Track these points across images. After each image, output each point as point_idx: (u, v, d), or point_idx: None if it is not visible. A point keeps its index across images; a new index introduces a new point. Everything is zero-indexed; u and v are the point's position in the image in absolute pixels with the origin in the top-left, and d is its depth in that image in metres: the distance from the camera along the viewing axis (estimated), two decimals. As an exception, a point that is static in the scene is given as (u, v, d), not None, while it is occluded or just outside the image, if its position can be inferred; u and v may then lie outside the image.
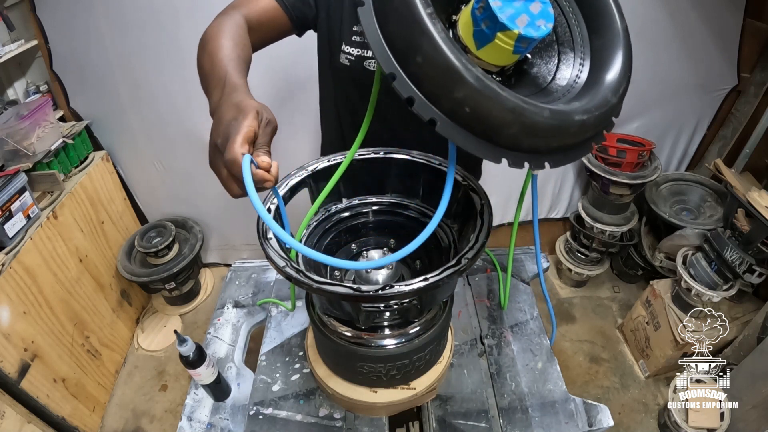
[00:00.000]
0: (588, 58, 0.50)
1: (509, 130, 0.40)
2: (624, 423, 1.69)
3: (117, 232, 1.92)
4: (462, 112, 0.39)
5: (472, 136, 0.41)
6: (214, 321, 1.03)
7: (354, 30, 0.82)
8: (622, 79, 0.46)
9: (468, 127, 0.40)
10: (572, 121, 0.42)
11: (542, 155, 0.43)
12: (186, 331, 2.04)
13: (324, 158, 0.75)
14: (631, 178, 1.74)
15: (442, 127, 0.40)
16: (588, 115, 0.42)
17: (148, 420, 1.75)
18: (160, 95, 1.72)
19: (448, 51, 0.38)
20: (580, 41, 0.50)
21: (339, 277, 0.75)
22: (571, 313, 2.13)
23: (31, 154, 1.50)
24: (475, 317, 1.00)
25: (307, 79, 1.57)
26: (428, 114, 0.40)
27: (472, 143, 0.41)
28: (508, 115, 0.39)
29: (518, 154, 0.42)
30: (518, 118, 0.39)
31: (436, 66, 0.38)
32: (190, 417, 0.85)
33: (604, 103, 0.44)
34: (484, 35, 0.42)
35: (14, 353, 1.32)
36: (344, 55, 0.84)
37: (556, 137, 0.42)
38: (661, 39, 1.69)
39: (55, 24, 1.57)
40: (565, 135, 0.43)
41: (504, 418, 0.82)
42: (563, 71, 0.50)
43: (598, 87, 0.46)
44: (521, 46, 0.41)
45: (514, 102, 0.38)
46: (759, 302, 1.68)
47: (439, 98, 0.40)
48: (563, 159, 0.44)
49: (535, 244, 0.75)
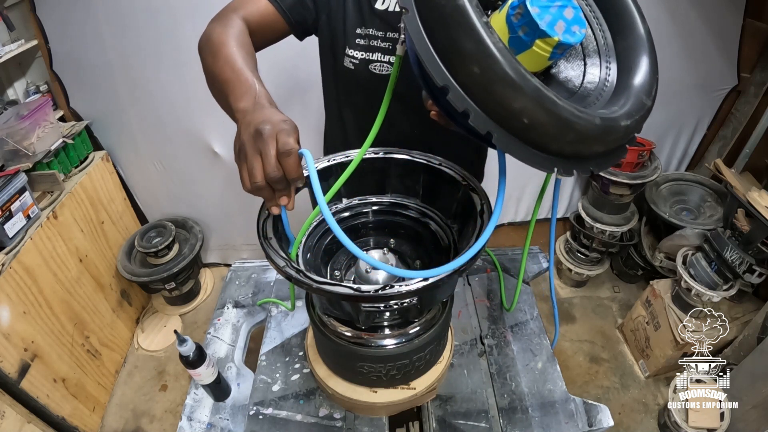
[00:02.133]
0: (614, 59, 0.50)
1: (564, 139, 0.40)
2: (624, 423, 1.69)
3: (117, 232, 1.92)
4: (518, 123, 0.39)
5: (525, 147, 0.40)
6: (214, 321, 1.03)
7: (358, 33, 0.81)
8: (652, 81, 0.47)
9: (521, 137, 0.40)
10: (619, 127, 0.42)
11: (586, 161, 0.43)
12: (186, 331, 2.04)
13: (324, 158, 0.75)
14: (631, 178, 1.74)
15: (498, 139, 0.39)
16: (631, 119, 0.43)
17: (148, 420, 1.75)
18: (159, 95, 1.72)
19: (506, 61, 0.36)
20: (604, 44, 0.51)
21: (339, 278, 0.75)
22: (571, 313, 2.13)
23: (31, 154, 1.50)
24: (475, 317, 1.00)
25: (309, 81, 1.57)
26: (486, 127, 0.39)
27: (525, 154, 0.40)
28: (564, 125, 0.39)
29: (566, 162, 0.42)
30: (573, 128, 0.39)
31: (494, 76, 0.37)
32: (190, 417, 0.85)
33: (642, 107, 0.45)
34: (521, 42, 0.41)
35: (14, 353, 1.32)
36: (348, 59, 0.83)
37: (602, 143, 0.43)
38: (661, 39, 1.69)
39: (55, 24, 1.57)
40: (610, 140, 0.43)
41: (504, 418, 0.82)
42: (591, 74, 0.50)
43: (630, 90, 0.46)
44: (557, 53, 0.41)
45: (570, 111, 0.38)
46: (759, 302, 1.68)
47: (495, 110, 0.39)
48: (604, 163, 0.45)
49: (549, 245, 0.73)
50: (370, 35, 0.80)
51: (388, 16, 0.79)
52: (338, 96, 0.94)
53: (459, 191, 0.71)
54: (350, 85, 0.89)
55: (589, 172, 0.43)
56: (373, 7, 0.79)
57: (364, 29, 0.80)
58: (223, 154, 1.85)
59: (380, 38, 0.80)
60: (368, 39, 0.81)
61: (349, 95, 0.91)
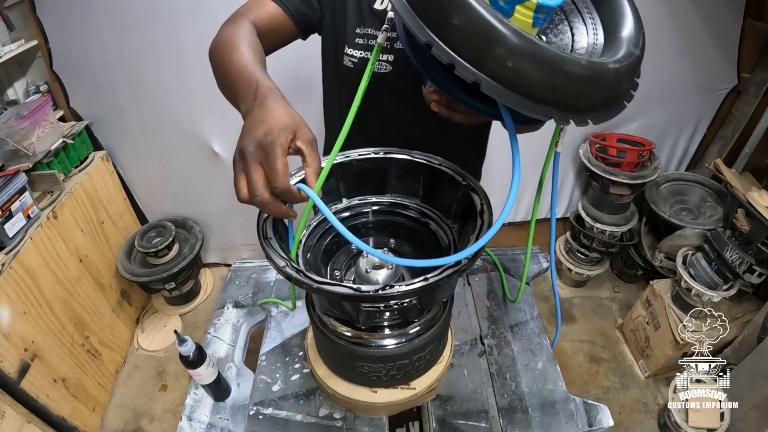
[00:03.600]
0: (599, 25, 0.51)
1: (551, 83, 0.40)
2: (624, 423, 1.69)
3: (117, 232, 1.92)
4: (504, 70, 0.40)
5: (516, 95, 0.41)
6: (214, 321, 1.03)
7: (357, 32, 0.82)
8: (638, 33, 0.48)
9: (512, 86, 0.41)
10: (607, 69, 0.42)
11: (584, 113, 0.44)
12: (186, 331, 2.04)
13: (325, 158, 0.75)
14: (631, 178, 1.74)
15: (487, 86, 0.40)
16: (619, 64, 0.44)
17: (148, 420, 1.75)
18: (160, 95, 1.72)
19: (483, 9, 0.39)
20: (587, 11, 0.52)
21: (339, 278, 0.75)
22: (571, 313, 2.13)
23: (31, 154, 1.50)
24: (475, 317, 1.00)
25: (310, 80, 1.56)
26: (472, 77, 0.40)
27: (517, 101, 0.41)
28: (549, 66, 0.39)
29: (563, 112, 0.42)
30: (559, 69, 0.40)
31: (473, 26, 0.39)
32: (190, 417, 0.85)
33: (630, 55, 0.46)
34: (504, 12, 0.42)
35: (14, 353, 1.32)
36: (348, 58, 0.84)
37: (595, 88, 0.43)
38: (661, 39, 1.69)
39: (55, 24, 1.57)
40: (602, 85, 0.43)
41: (504, 418, 0.82)
42: (580, 42, 0.51)
43: (618, 44, 0.47)
44: (540, 17, 0.42)
45: (553, 52, 0.39)
46: (759, 302, 1.68)
47: (480, 59, 0.40)
48: (602, 116, 0.45)
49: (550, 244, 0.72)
50: (369, 35, 0.81)
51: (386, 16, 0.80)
52: (338, 95, 0.94)
53: (459, 191, 0.71)
54: (350, 83, 0.89)
55: (587, 122, 0.44)
56: (372, 7, 0.81)
57: (363, 29, 0.81)
58: (223, 154, 1.85)
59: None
60: (367, 38, 0.81)
61: (350, 94, 0.92)
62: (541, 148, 0.64)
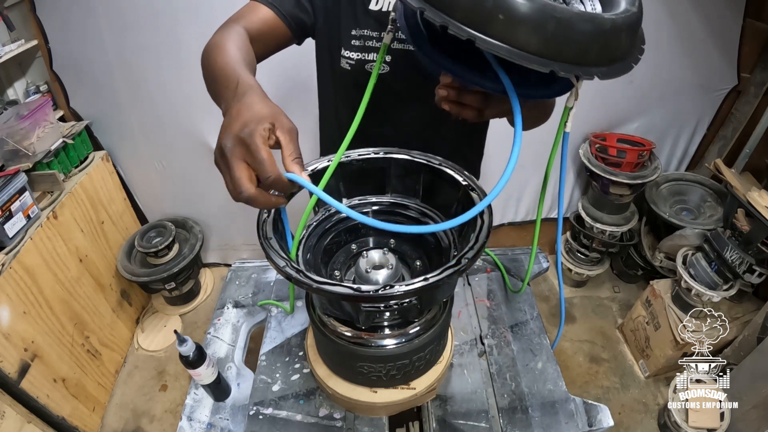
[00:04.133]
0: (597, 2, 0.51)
1: (545, 31, 0.40)
2: (624, 423, 1.69)
3: (117, 232, 1.92)
4: (498, 24, 0.40)
5: (512, 48, 0.41)
6: (214, 321, 1.03)
7: (353, 34, 0.82)
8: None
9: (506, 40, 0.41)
10: (604, 20, 0.43)
11: (588, 67, 0.43)
12: (186, 331, 2.04)
13: (324, 158, 0.75)
14: (631, 178, 1.74)
15: (482, 42, 0.40)
16: (616, 17, 0.44)
17: (148, 420, 1.75)
18: (159, 95, 1.72)
19: None
20: None
21: (339, 278, 0.75)
22: (571, 313, 2.13)
23: (31, 154, 1.50)
24: (475, 317, 1.00)
25: (305, 82, 1.57)
26: (466, 34, 0.41)
27: (516, 54, 0.41)
28: (541, 14, 0.40)
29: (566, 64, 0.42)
30: (550, 17, 0.40)
31: None
32: (190, 417, 0.85)
33: (627, 11, 0.45)
34: None
35: (14, 353, 1.32)
36: (344, 60, 0.84)
37: (595, 40, 0.43)
38: (661, 39, 1.69)
39: (55, 24, 1.57)
40: (601, 37, 0.43)
41: (504, 418, 0.82)
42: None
43: (615, 5, 0.47)
44: None
45: (543, 1, 0.40)
46: (759, 302, 1.68)
47: (471, 15, 0.41)
48: (608, 72, 0.45)
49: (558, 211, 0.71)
50: (365, 36, 0.81)
51: (382, 17, 0.80)
52: (335, 97, 0.94)
53: (459, 191, 0.71)
54: (347, 85, 0.89)
55: (593, 76, 0.43)
56: (368, 8, 0.81)
57: (359, 30, 0.81)
58: (223, 154, 1.85)
59: (375, 39, 0.81)
60: (363, 40, 0.81)
61: (347, 96, 0.92)
62: (541, 147, 0.64)
